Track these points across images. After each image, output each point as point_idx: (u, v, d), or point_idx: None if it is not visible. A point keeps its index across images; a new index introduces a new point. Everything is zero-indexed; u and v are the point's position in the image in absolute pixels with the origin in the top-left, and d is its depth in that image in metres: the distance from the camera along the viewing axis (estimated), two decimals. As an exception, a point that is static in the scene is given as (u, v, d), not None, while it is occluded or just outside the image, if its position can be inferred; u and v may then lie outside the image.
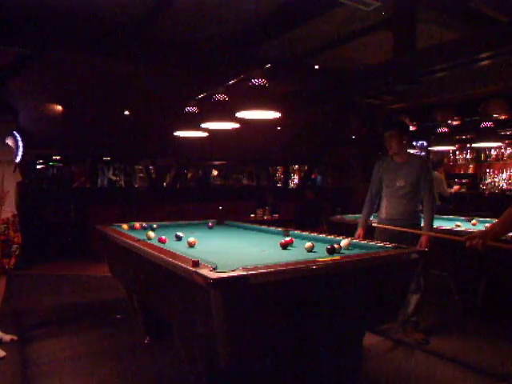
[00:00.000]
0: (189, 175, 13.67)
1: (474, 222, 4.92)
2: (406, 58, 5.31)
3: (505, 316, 3.83)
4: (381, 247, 2.70)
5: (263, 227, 4.05)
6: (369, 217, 3.89)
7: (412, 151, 9.59)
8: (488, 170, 10.17)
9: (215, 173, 14.86)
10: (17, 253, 3.54)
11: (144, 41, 5.92)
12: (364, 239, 3.29)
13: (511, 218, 2.28)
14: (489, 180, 10.08)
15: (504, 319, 3.86)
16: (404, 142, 3.69)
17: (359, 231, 3.75)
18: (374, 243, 2.82)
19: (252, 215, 7.44)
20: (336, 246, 2.62)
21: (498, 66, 6.04)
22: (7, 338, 3.49)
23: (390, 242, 2.79)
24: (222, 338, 1.89)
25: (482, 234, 2.29)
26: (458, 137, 9.22)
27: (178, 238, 3.23)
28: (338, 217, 5.58)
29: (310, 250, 2.71)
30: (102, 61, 6.37)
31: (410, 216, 3.61)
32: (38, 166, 11.60)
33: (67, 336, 3.71)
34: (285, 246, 2.86)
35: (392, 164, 3.77)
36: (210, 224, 4.28)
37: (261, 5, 4.86)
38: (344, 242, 2.78)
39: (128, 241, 3.03)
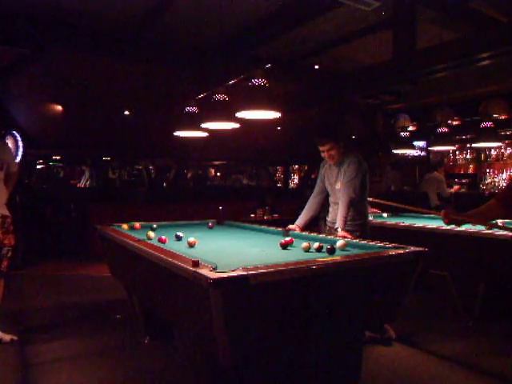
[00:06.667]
0: (189, 175, 13.70)
1: (474, 222, 4.92)
2: (405, 58, 5.31)
3: (504, 317, 3.83)
4: (381, 247, 2.70)
5: (263, 227, 4.05)
6: (308, 217, 3.75)
7: (411, 151, 9.60)
8: (488, 170, 10.16)
9: (212, 172, 14.88)
10: (8, 255, 3.47)
11: (144, 41, 5.92)
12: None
13: (484, 212, 2.42)
14: (489, 180, 10.07)
15: (503, 320, 3.86)
16: (341, 149, 3.61)
17: (291, 227, 3.65)
18: (374, 243, 2.82)
19: (252, 215, 7.43)
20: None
21: (498, 66, 6.04)
22: (7, 337, 3.49)
23: None
24: (221, 337, 1.89)
25: (452, 212, 2.49)
26: (457, 137, 9.22)
27: (178, 238, 3.23)
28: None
29: (307, 249, 2.72)
30: (102, 61, 6.38)
31: (354, 217, 3.52)
32: (38, 166, 11.62)
33: (67, 336, 3.71)
34: (285, 246, 2.86)
35: (332, 167, 3.71)
36: (210, 224, 4.27)
37: (261, 5, 4.87)
38: (339, 243, 2.79)
39: (128, 241, 3.03)
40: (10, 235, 3.50)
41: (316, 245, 2.73)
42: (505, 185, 9.71)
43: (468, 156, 10.60)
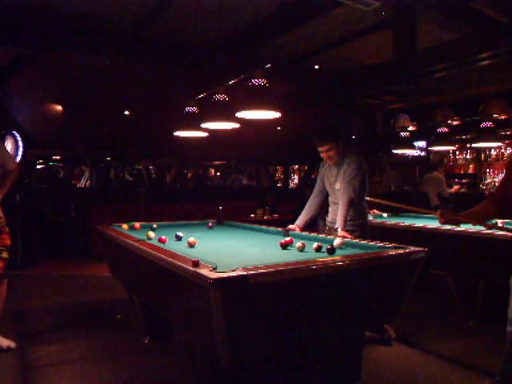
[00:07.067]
0: (189, 175, 13.71)
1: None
2: (405, 58, 5.31)
3: (504, 317, 3.83)
4: (381, 247, 2.70)
5: (263, 227, 4.05)
6: (308, 217, 3.75)
7: (411, 151, 9.60)
8: (488, 170, 10.16)
9: (212, 172, 14.88)
10: (3, 255, 3.33)
11: (144, 41, 5.92)
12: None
13: (479, 212, 2.47)
14: (489, 180, 10.07)
15: (503, 320, 3.85)
16: (341, 150, 3.60)
17: (291, 227, 3.66)
18: (374, 243, 2.82)
19: (252, 215, 7.44)
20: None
21: (498, 66, 6.04)
22: (4, 344, 3.32)
23: None
24: (221, 337, 1.89)
25: (448, 212, 2.54)
26: (458, 137, 9.22)
27: (178, 238, 3.23)
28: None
29: (301, 249, 2.74)
30: (102, 61, 6.38)
31: (353, 217, 3.52)
32: (38, 166, 11.64)
33: (67, 336, 3.71)
34: (285, 246, 2.86)
35: (331, 167, 3.71)
36: (210, 224, 4.27)
37: (261, 5, 4.87)
38: (337, 241, 2.81)
39: (128, 241, 3.03)
40: (3, 235, 3.38)
41: (315, 245, 2.74)
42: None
43: (468, 156, 10.60)
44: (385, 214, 5.48)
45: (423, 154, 10.52)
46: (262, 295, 1.97)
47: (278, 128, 9.40)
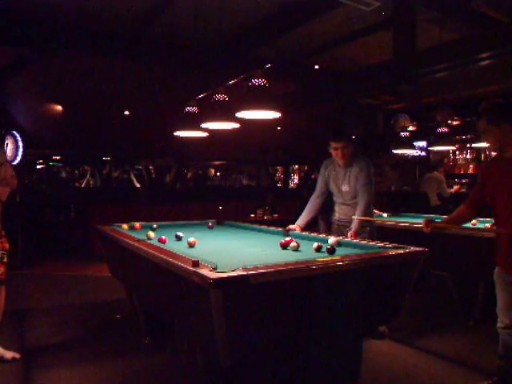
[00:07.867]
0: (189, 175, 13.71)
1: (474, 221, 4.91)
2: (405, 58, 5.31)
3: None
4: (381, 247, 2.70)
5: (263, 227, 4.05)
6: (310, 218, 3.78)
7: (411, 151, 9.61)
8: (488, 170, 10.15)
9: (212, 172, 14.89)
10: (4, 260, 3.21)
11: (144, 41, 5.92)
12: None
13: (458, 217, 2.74)
14: (489, 180, 10.07)
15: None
16: (353, 151, 3.66)
17: (292, 227, 3.68)
18: (374, 243, 2.82)
19: (252, 215, 7.43)
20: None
21: (498, 66, 6.04)
22: (9, 355, 3.19)
23: None
24: (221, 337, 1.89)
25: (431, 221, 2.77)
26: (458, 137, 9.22)
27: (178, 238, 3.23)
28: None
29: (296, 249, 2.76)
30: (102, 61, 6.38)
31: (364, 215, 3.59)
32: (38, 166, 11.64)
33: (67, 336, 3.71)
34: (285, 246, 2.86)
35: (337, 168, 3.74)
36: (210, 224, 4.27)
37: (261, 5, 4.87)
38: (331, 240, 2.88)
39: (128, 241, 3.03)
40: (2, 239, 3.25)
41: (315, 245, 2.74)
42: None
43: (468, 156, 10.60)
44: (385, 214, 5.48)
45: (423, 153, 10.52)
46: (261, 295, 1.97)
47: (278, 128, 9.41)
